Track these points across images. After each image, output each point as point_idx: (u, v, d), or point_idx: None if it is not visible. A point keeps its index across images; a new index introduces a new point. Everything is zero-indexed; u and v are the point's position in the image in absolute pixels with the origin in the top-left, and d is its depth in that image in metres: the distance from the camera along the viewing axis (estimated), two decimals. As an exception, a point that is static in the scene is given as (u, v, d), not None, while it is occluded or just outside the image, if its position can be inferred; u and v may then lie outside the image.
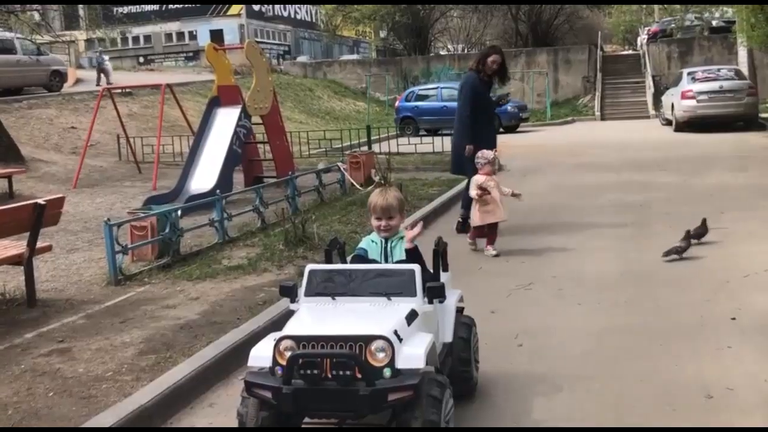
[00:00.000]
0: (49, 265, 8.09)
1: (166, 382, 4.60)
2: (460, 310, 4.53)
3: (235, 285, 6.92)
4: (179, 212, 8.64)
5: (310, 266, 4.00)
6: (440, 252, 4.41)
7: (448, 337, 4.22)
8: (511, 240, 8.51)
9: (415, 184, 13.03)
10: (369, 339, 3.41)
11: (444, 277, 4.39)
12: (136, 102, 23.86)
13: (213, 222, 8.78)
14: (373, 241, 4.28)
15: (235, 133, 12.37)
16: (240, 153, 12.69)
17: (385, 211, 4.16)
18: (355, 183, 12.37)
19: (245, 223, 9.65)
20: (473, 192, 8.26)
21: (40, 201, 6.20)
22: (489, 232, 8.28)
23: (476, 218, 8.29)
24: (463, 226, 9.14)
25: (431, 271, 4.30)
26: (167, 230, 7.88)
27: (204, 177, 12.16)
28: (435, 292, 3.81)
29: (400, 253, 4.17)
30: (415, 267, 3.89)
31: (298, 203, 10.54)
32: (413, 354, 3.44)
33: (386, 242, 4.22)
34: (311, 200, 11.36)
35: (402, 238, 4.21)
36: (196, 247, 8.49)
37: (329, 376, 3.38)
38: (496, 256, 8.02)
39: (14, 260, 6.31)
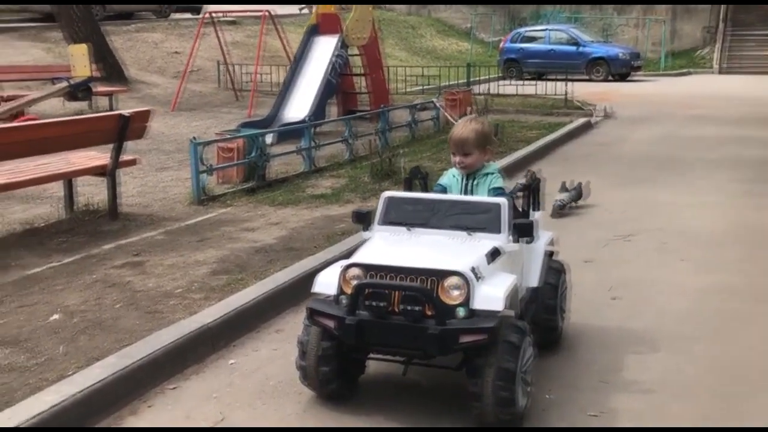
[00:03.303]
0: (138, 182, 8.12)
1: (234, 303, 4.43)
2: (550, 254, 4.11)
3: (316, 213, 6.70)
4: (267, 137, 8.47)
5: (387, 193, 3.69)
6: (532, 187, 3.98)
7: (534, 282, 3.82)
8: (614, 189, 7.91)
9: (514, 126, 12.46)
10: (443, 274, 3.10)
11: (535, 216, 3.97)
12: (240, 31, 23.87)
13: (300, 150, 8.57)
14: (454, 176, 3.88)
15: (332, 62, 12.08)
16: (335, 84, 12.41)
17: (459, 145, 3.74)
18: (451, 118, 11.90)
19: (333, 154, 9.41)
20: None
21: (125, 112, 6.10)
22: None
23: None
24: None
25: (521, 209, 3.90)
26: (254, 154, 7.72)
27: (298, 106, 11.97)
28: (522, 231, 3.43)
29: (483, 193, 3.74)
30: (502, 201, 3.50)
31: (388, 138, 10.20)
32: (492, 295, 3.10)
33: (467, 178, 3.81)
34: (403, 136, 11.00)
35: (487, 175, 3.78)
36: (282, 174, 8.32)
37: (397, 310, 3.10)
38: None
39: (98, 171, 6.28)
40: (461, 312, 3.06)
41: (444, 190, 3.87)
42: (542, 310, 3.87)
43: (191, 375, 3.85)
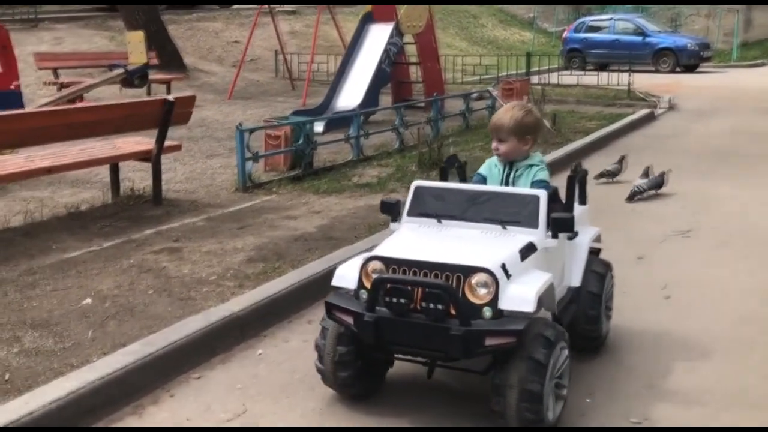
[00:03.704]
0: (187, 168, 8.13)
1: (267, 291, 4.32)
2: (596, 252, 3.86)
3: (360, 203, 6.55)
4: (317, 125, 8.37)
5: (416, 182, 3.47)
6: (576, 179, 3.73)
7: (576, 281, 3.57)
8: (674, 183, 7.54)
9: (573, 116, 12.09)
10: (470, 270, 2.87)
11: (578, 210, 3.71)
12: (299, 20, 23.91)
13: (349, 138, 8.45)
14: (495, 166, 3.63)
15: (386, 50, 11.91)
16: (388, 72, 12.24)
17: (495, 130, 3.51)
18: (507, 109, 11.58)
19: (383, 143, 9.26)
20: None
21: (169, 97, 6.06)
22: None
23: None
24: None
25: (564, 202, 3.65)
26: (300, 141, 7.63)
27: (351, 95, 11.86)
28: (561, 225, 3.18)
29: (524, 185, 3.49)
30: (541, 193, 3.26)
31: (441, 127, 9.99)
32: (522, 295, 2.87)
33: (509, 168, 3.56)
34: (456, 126, 10.77)
35: (531, 167, 3.53)
36: (329, 162, 8.21)
37: (419, 307, 2.89)
38: None
39: (143, 156, 6.26)
40: (488, 312, 2.84)
41: (483, 180, 3.65)
42: (583, 320, 3.60)
43: (218, 365, 3.76)
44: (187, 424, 3.20)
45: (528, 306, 2.84)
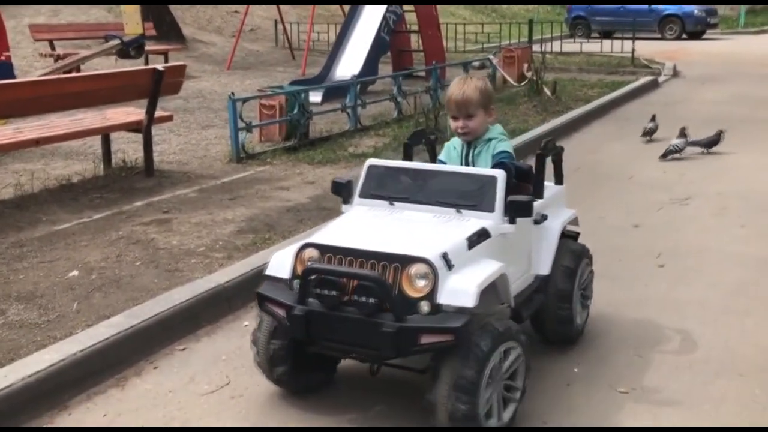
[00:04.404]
0: (181, 139, 8.05)
1: (254, 263, 4.26)
2: (573, 237, 3.61)
3: (354, 172, 6.44)
4: (315, 95, 8.26)
5: (370, 160, 3.20)
6: (548, 157, 3.41)
7: (544, 269, 3.27)
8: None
9: (574, 84, 11.94)
10: (407, 260, 2.60)
11: (552, 191, 3.48)
12: (300, -11, 23.65)
13: (345, 108, 8.35)
14: (454, 148, 3.35)
15: (384, 18, 11.74)
16: (388, 41, 12.07)
17: (462, 105, 3.18)
18: (508, 77, 11.45)
19: (381, 113, 9.16)
20: None
21: (159, 67, 5.97)
22: None
23: None
24: None
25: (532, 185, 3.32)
26: (295, 111, 7.54)
27: (350, 64, 11.70)
28: (519, 209, 2.86)
29: (485, 163, 3.22)
30: (498, 174, 2.94)
31: (440, 96, 9.85)
32: (461, 288, 2.57)
33: (468, 147, 3.28)
34: (456, 94, 10.64)
35: (490, 140, 3.24)
36: (326, 132, 8.12)
37: (351, 300, 2.63)
38: None
39: (134, 127, 6.19)
40: (425, 307, 2.57)
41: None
42: (554, 297, 3.30)
43: (203, 336, 3.73)
44: (169, 396, 3.17)
45: (468, 300, 2.55)
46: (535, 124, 8.67)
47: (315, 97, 9.17)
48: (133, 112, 6.41)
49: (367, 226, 2.94)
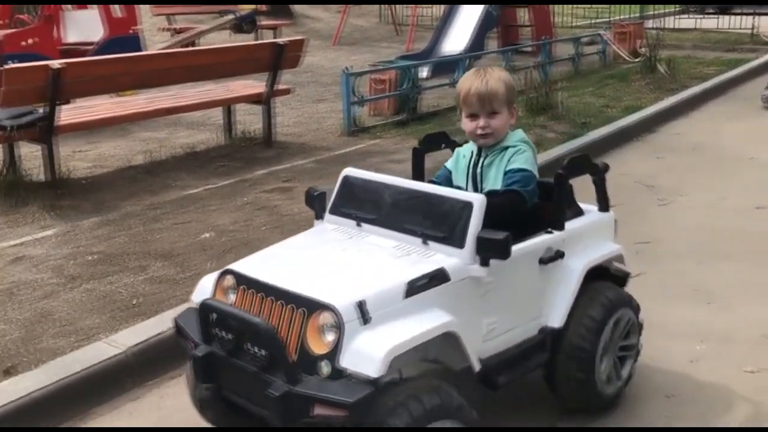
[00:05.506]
0: (295, 112, 8.31)
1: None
2: (619, 280, 2.83)
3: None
4: (422, 70, 8.34)
5: (346, 170, 2.70)
6: (565, 180, 2.63)
7: (555, 321, 2.59)
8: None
9: (689, 62, 11.51)
10: (314, 306, 2.12)
11: (585, 221, 2.75)
12: (404, -35, 23.64)
13: (454, 83, 8.38)
14: (463, 156, 2.77)
15: (493, -7, 11.62)
16: (496, 16, 11.95)
17: (486, 100, 2.60)
18: (621, 52, 11.17)
19: (489, 88, 9.13)
20: None
21: (279, 41, 6.18)
22: None
23: None
24: None
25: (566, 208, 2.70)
26: (405, 86, 7.64)
27: (456, 39, 11.65)
28: (488, 248, 2.26)
29: (494, 180, 2.62)
30: (475, 199, 2.34)
31: (549, 72, 9.75)
32: (366, 351, 2.05)
33: (479, 155, 2.70)
34: (565, 71, 10.48)
35: (506, 149, 2.64)
36: (434, 107, 8.20)
37: (246, 348, 2.20)
38: None
39: (255, 99, 6.44)
40: (325, 368, 2.08)
41: (448, 176, 2.79)
42: (565, 357, 2.61)
43: (328, 298, 3.90)
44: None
45: (370, 369, 2.01)
46: (650, 102, 8.45)
47: (422, 72, 9.24)
48: (254, 85, 6.67)
49: (304, 255, 2.52)
